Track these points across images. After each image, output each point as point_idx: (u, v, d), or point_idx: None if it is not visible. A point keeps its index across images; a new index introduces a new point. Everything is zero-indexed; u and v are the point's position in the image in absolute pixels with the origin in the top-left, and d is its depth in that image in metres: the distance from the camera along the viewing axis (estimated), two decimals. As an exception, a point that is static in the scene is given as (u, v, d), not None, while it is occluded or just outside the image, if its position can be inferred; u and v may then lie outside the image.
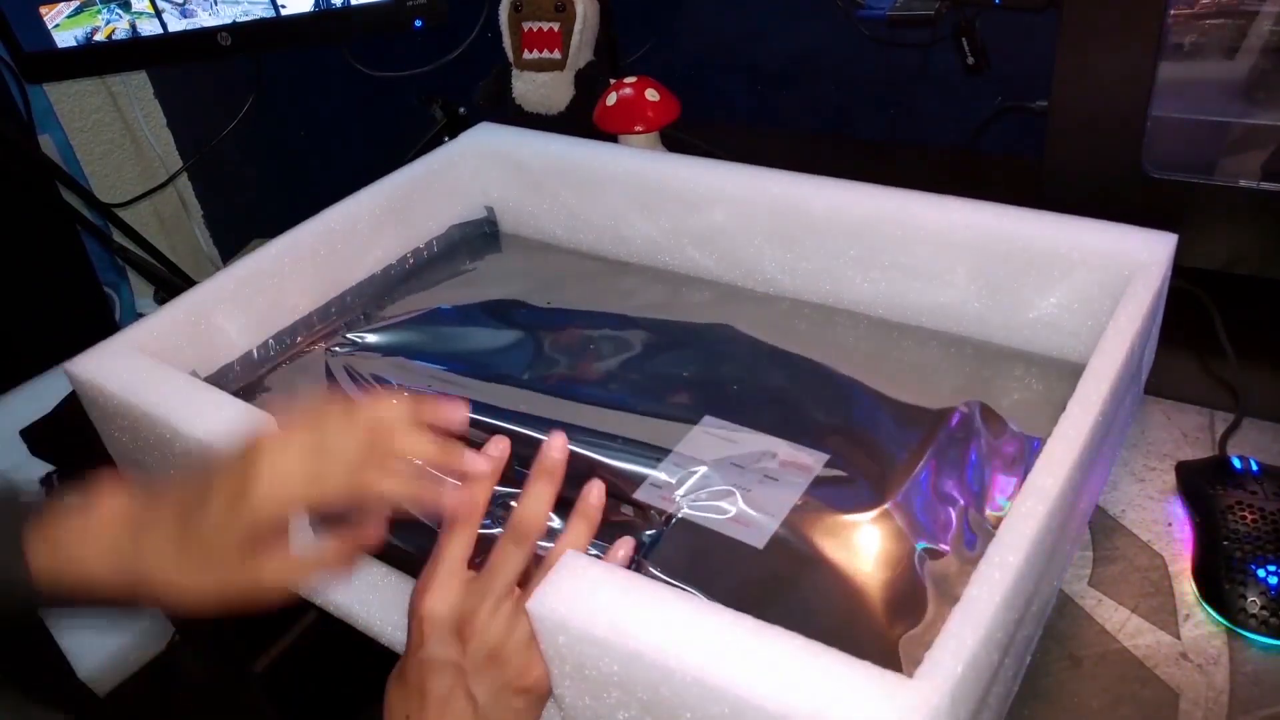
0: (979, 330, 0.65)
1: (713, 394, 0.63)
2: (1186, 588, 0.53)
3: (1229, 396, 0.64)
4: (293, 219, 0.73)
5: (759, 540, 0.52)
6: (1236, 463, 0.57)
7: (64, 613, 0.51)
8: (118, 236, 1.38)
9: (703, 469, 0.57)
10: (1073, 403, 0.47)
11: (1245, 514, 0.53)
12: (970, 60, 0.90)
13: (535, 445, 0.60)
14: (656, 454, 0.58)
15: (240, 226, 1.71)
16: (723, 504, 0.54)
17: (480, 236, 0.85)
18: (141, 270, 1.37)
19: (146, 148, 1.63)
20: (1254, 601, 0.50)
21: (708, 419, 0.60)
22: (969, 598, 0.39)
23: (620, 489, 0.56)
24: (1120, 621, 0.51)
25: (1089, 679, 0.49)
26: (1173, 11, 0.65)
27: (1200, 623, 0.51)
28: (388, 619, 0.55)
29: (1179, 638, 0.50)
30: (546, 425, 0.61)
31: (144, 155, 1.64)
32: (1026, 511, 0.43)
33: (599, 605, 0.41)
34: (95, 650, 1.26)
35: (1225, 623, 0.50)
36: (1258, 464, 0.56)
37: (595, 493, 0.48)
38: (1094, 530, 0.57)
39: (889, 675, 0.37)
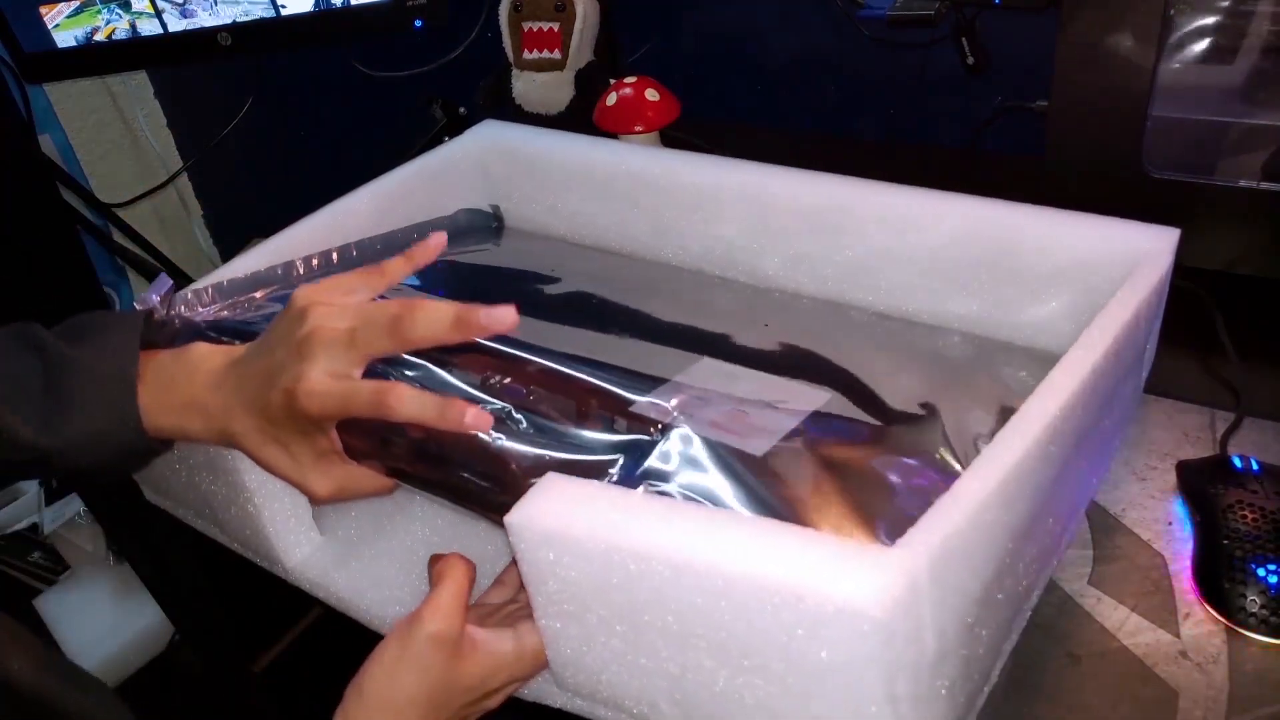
0: (980, 325, 0.65)
1: (713, 342, 0.62)
2: (1186, 586, 0.53)
3: (1230, 396, 0.64)
4: (292, 219, 0.73)
5: (759, 449, 0.51)
6: (1237, 462, 0.57)
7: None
8: (118, 236, 1.38)
9: (701, 394, 0.55)
10: (1055, 369, 0.48)
11: (1245, 513, 0.53)
12: (970, 60, 0.90)
13: (524, 364, 0.58)
14: (653, 383, 0.57)
15: (240, 226, 1.71)
16: (722, 418, 0.53)
17: (486, 230, 0.85)
18: (141, 270, 1.37)
19: (146, 148, 1.63)
20: (1254, 600, 0.50)
21: (707, 359, 0.59)
22: (956, 488, 0.40)
23: (615, 404, 0.54)
24: (1120, 620, 0.51)
25: (1088, 677, 0.49)
26: (1173, 11, 0.65)
27: (1200, 621, 0.51)
28: (387, 613, 0.56)
29: (1179, 636, 0.50)
30: (539, 351, 0.59)
31: (144, 155, 1.64)
32: (1031, 414, 0.44)
33: (575, 511, 0.42)
34: (95, 650, 1.26)
35: (1225, 621, 0.50)
36: (1258, 463, 0.56)
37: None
38: (1094, 529, 0.57)
39: (867, 546, 0.38)
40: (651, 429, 0.52)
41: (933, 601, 0.37)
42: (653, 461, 0.50)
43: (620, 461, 0.50)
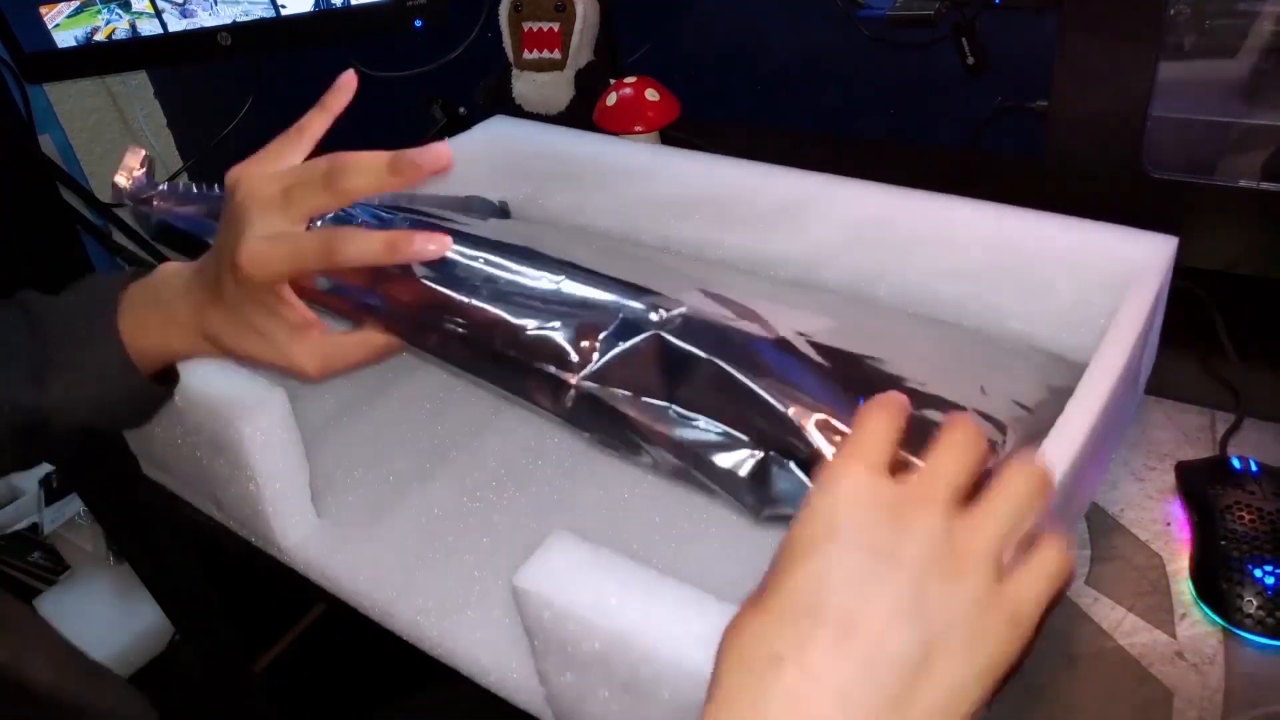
0: (979, 330, 0.65)
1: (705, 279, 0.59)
2: (1184, 587, 0.53)
3: (1230, 396, 0.64)
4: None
5: (770, 334, 0.49)
6: (1236, 463, 0.57)
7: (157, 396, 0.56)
8: (118, 236, 1.38)
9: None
10: (1071, 403, 0.47)
11: (1244, 514, 0.53)
12: (970, 60, 0.90)
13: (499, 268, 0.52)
14: (646, 293, 0.52)
15: (241, 226, 1.71)
16: (728, 314, 0.51)
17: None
18: (142, 270, 1.36)
19: (146, 147, 1.63)
20: (1251, 601, 0.50)
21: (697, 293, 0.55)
22: None
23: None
24: (1117, 620, 0.51)
25: (1084, 677, 0.49)
26: (1173, 11, 0.65)
27: (1197, 622, 0.51)
28: (380, 597, 0.56)
29: (1175, 637, 0.50)
30: (519, 253, 0.54)
31: (144, 155, 1.64)
32: None
33: (584, 584, 0.42)
34: (95, 650, 1.26)
35: (1222, 622, 0.50)
36: (1257, 464, 0.56)
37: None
38: (1092, 529, 0.57)
39: None
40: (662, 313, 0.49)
41: None
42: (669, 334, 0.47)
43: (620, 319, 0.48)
